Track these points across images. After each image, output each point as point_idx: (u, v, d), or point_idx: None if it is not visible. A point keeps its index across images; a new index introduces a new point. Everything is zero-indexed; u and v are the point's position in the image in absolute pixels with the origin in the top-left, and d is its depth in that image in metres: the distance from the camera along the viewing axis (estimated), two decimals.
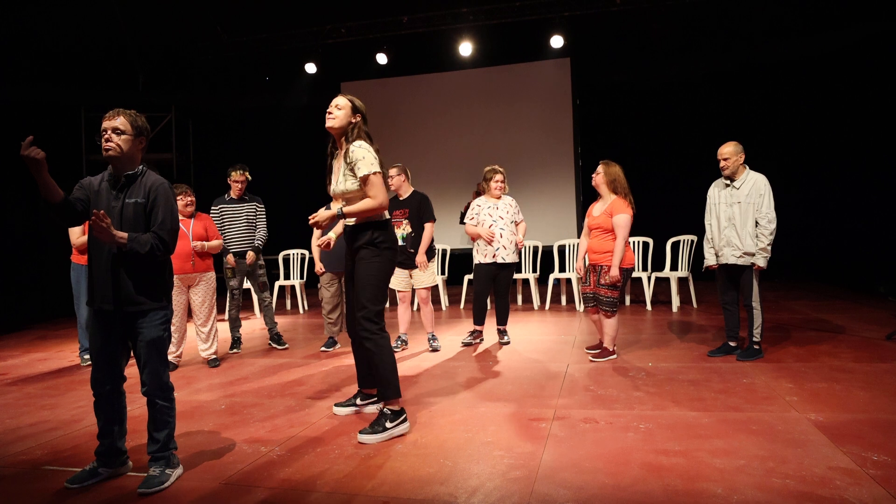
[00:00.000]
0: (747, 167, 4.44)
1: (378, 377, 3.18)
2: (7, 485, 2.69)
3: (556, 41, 9.21)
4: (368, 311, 3.15)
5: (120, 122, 2.61)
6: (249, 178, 5.50)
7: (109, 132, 2.60)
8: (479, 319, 5.53)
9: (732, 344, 4.61)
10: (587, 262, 4.76)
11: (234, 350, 5.50)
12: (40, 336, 6.97)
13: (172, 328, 4.67)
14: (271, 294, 5.83)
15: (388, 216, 3.31)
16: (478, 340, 5.61)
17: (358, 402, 3.55)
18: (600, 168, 4.65)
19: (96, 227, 2.43)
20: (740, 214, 4.34)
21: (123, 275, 2.58)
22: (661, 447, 2.79)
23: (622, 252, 4.44)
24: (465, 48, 9.46)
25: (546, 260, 8.41)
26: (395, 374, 3.19)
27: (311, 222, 3.18)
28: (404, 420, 3.15)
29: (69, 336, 6.72)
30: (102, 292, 2.60)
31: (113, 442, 2.68)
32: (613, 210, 4.50)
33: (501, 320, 5.49)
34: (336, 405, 3.57)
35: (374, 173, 3.13)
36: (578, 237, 9.36)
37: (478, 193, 9.31)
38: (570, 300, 7.83)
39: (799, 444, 2.77)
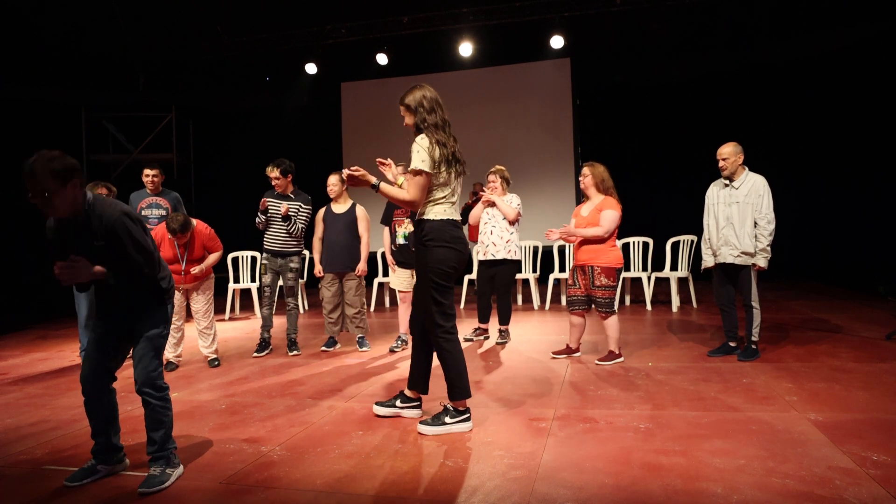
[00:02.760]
0: (746, 168, 4.44)
1: (446, 376, 3.20)
2: (8, 484, 2.69)
3: (556, 41, 9.21)
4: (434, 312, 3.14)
5: (46, 183, 2.28)
6: (280, 175, 5.16)
7: (39, 198, 2.31)
8: (483, 317, 5.57)
9: (732, 344, 4.61)
10: (571, 265, 4.76)
11: (264, 353, 5.29)
12: (41, 335, 6.97)
13: (172, 328, 4.68)
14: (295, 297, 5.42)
15: (453, 217, 3.20)
16: (481, 337, 5.63)
17: (398, 403, 3.44)
18: (586, 170, 4.67)
19: (68, 274, 2.31)
20: (738, 214, 4.35)
21: (120, 292, 2.61)
22: (660, 447, 2.80)
23: (594, 233, 4.43)
24: (466, 48, 9.47)
25: (546, 260, 8.41)
26: (463, 374, 3.18)
27: (348, 172, 3.14)
28: (467, 419, 3.16)
29: (70, 335, 6.72)
30: (103, 304, 2.62)
31: (108, 439, 2.68)
32: (603, 206, 4.51)
33: (502, 319, 5.50)
34: (377, 404, 3.47)
35: (421, 172, 3.09)
36: None
37: (474, 194, 9.35)
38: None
39: (799, 443, 2.77)
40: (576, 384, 4.00)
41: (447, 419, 3.12)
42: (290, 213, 5.15)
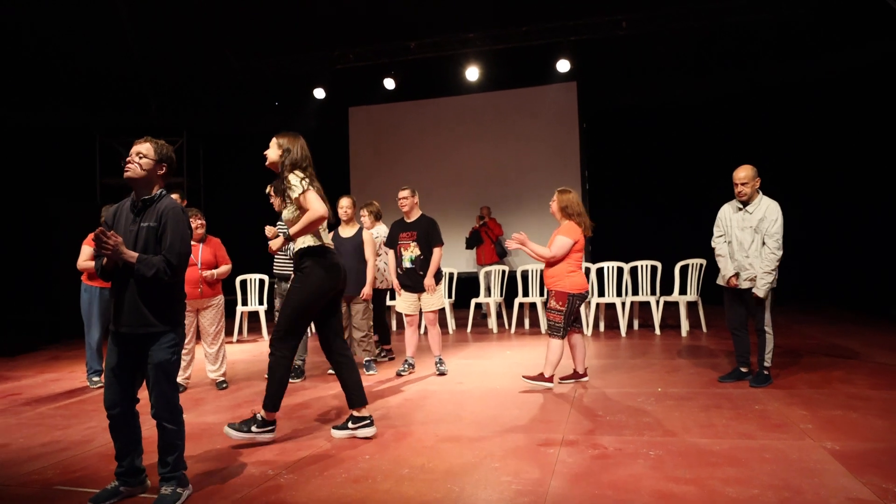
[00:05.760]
0: (761, 192, 4.41)
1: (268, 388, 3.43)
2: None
3: (563, 65, 9.30)
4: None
5: (145, 147, 2.72)
6: (273, 194, 5.13)
7: (133, 155, 2.70)
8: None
9: (744, 370, 4.55)
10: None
11: (298, 380, 5.15)
12: (53, 357, 7.01)
13: (183, 352, 4.67)
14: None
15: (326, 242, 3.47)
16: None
17: (350, 425, 3.53)
18: (555, 196, 4.71)
19: (98, 244, 2.50)
20: (751, 240, 4.32)
21: (137, 298, 2.62)
22: (671, 474, 2.75)
23: (540, 252, 4.49)
24: (472, 73, 9.58)
25: None
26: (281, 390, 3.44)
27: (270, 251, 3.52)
28: (272, 430, 3.46)
29: (81, 357, 6.70)
30: (118, 314, 2.65)
31: (132, 462, 2.73)
32: (560, 231, 4.56)
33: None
34: (334, 428, 3.59)
35: (306, 191, 3.30)
36: (585, 260, 9.35)
37: (481, 218, 9.38)
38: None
39: (815, 473, 2.71)
40: (584, 409, 3.95)
41: (254, 428, 3.40)
42: (280, 233, 4.96)
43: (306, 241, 3.42)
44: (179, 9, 7.66)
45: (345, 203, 5.34)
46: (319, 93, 10.26)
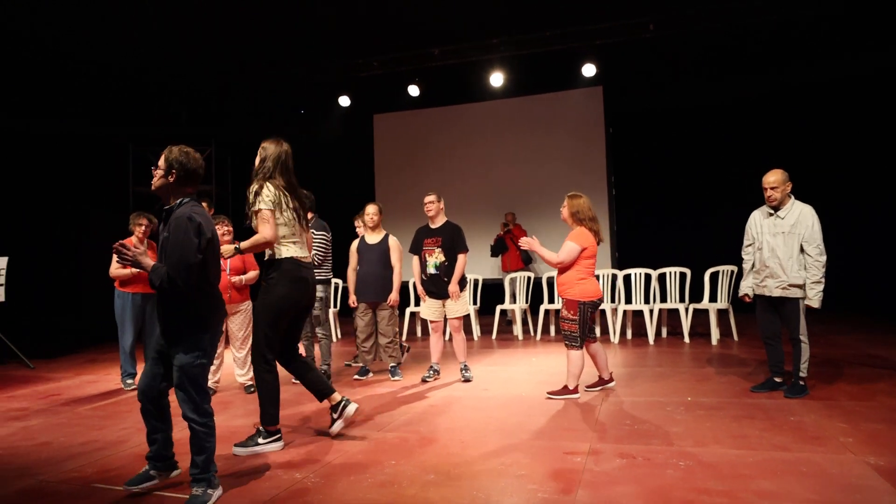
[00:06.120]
0: (792, 196, 4.31)
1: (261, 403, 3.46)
2: (61, 499, 2.83)
3: (588, 70, 9.23)
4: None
5: (161, 159, 2.81)
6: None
7: (156, 167, 2.83)
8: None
9: (778, 380, 4.42)
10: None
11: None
12: (90, 359, 7.21)
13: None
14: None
15: (286, 254, 3.43)
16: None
17: (333, 415, 3.65)
18: (565, 201, 4.64)
19: (120, 256, 2.66)
20: (784, 245, 4.21)
21: (167, 304, 2.75)
22: (702, 486, 2.68)
23: (548, 257, 4.44)
24: (496, 78, 9.56)
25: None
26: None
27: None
28: (278, 439, 3.48)
29: (116, 360, 6.84)
30: (155, 318, 2.80)
31: (159, 449, 2.87)
32: (570, 237, 4.49)
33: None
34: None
35: (260, 210, 3.32)
36: (612, 267, 9.25)
37: (505, 225, 9.34)
38: (605, 331, 7.68)
39: (857, 489, 2.61)
40: (611, 418, 3.88)
41: (260, 440, 3.40)
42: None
43: (268, 251, 3.42)
44: (208, 21, 7.81)
45: (371, 210, 5.36)
46: (344, 100, 10.36)
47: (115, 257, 5.18)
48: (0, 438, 3.91)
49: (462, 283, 5.16)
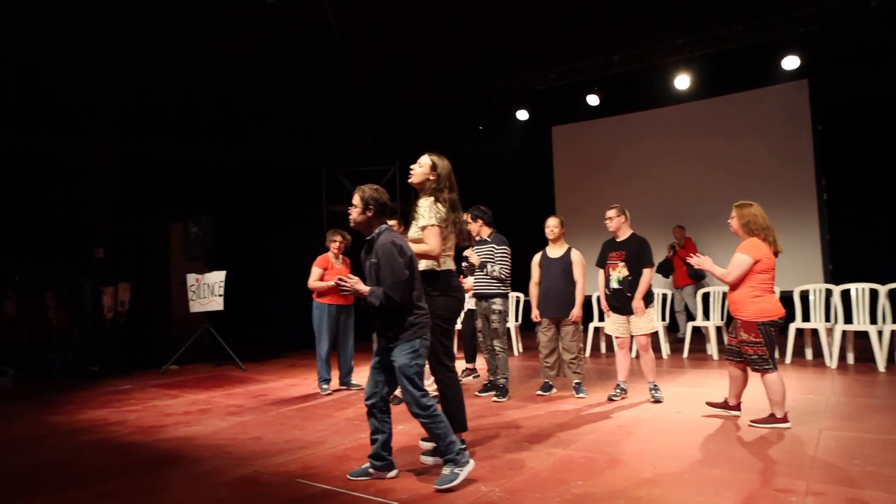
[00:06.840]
0: None
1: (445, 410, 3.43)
2: (272, 490, 3.19)
3: (790, 62, 8.29)
4: None
5: (356, 198, 3.26)
6: (469, 220, 5.34)
7: (351, 207, 3.27)
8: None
9: None
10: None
11: (493, 394, 5.31)
12: (292, 364, 8.09)
13: None
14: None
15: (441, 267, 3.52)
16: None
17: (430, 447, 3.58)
18: (733, 212, 4.25)
19: (339, 288, 3.16)
20: None
21: (386, 317, 3.18)
22: None
23: (718, 273, 4.05)
24: (682, 81, 8.98)
25: (787, 307, 7.38)
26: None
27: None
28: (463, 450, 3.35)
29: (314, 365, 7.62)
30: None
31: (378, 449, 3.22)
32: (740, 248, 4.04)
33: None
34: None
35: (431, 225, 3.43)
36: (825, 281, 8.12)
37: (672, 247, 8.71)
38: (818, 354, 6.75)
39: None
40: (833, 455, 3.39)
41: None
42: (471, 262, 5.16)
43: (429, 264, 3.51)
44: (390, 46, 8.47)
45: (552, 223, 5.35)
46: (522, 114, 10.47)
47: (313, 270, 5.81)
48: (223, 430, 4.52)
49: (648, 298, 4.91)
